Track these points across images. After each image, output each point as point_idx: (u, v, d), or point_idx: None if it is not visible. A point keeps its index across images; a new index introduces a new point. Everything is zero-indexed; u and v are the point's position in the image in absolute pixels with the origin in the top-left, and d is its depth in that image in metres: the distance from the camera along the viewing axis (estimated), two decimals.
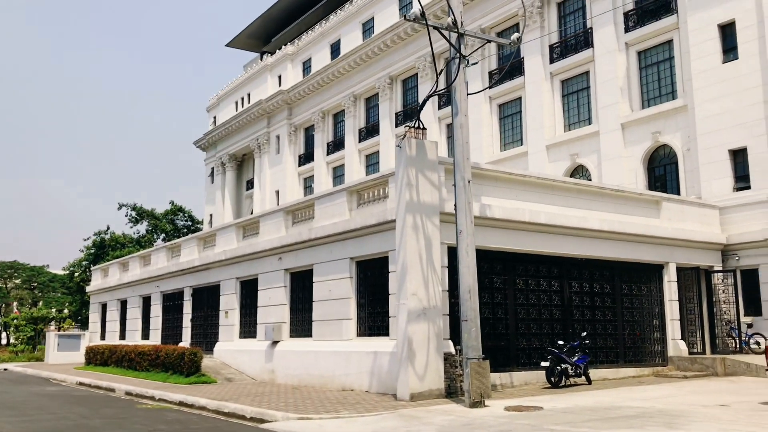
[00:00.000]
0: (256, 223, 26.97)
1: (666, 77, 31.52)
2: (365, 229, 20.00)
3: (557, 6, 37.11)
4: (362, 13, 52.11)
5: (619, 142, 32.28)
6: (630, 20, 32.97)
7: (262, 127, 61.93)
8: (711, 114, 27.94)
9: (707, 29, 28.44)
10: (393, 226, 18.29)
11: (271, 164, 60.92)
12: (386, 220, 18.85)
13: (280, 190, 58.97)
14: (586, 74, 35.08)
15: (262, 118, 61.97)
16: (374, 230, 19.68)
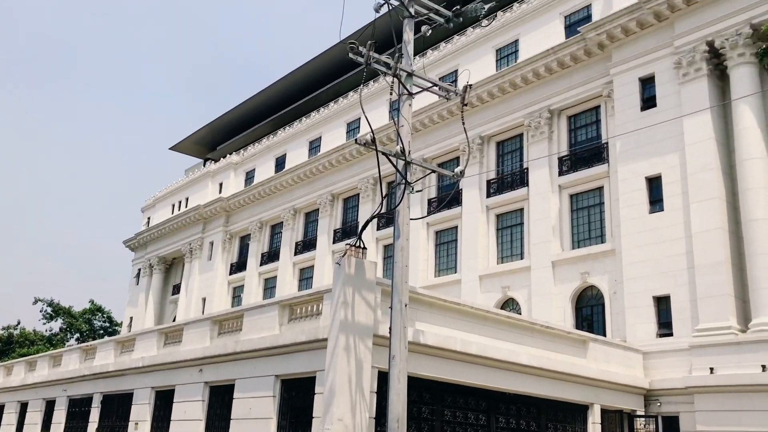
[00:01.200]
0: (180, 330, 25.93)
1: (596, 221, 32.97)
2: (294, 346, 19.43)
3: (496, 145, 38.95)
4: (310, 132, 53.49)
5: (549, 279, 33.11)
6: (564, 165, 34.78)
7: (197, 232, 61.16)
8: (637, 260, 29.11)
9: (635, 180, 30.19)
10: (324, 345, 17.83)
11: (201, 270, 59.70)
12: (318, 338, 18.38)
13: (208, 298, 57.50)
14: (521, 211, 36.39)
15: (198, 223, 61.34)
16: (304, 348, 19.14)
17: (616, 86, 32.26)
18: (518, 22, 38.96)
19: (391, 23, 17.42)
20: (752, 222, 25.98)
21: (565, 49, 34.77)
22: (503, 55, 39.87)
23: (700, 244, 27.02)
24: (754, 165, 26.54)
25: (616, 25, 32.07)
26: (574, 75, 34.95)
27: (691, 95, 28.90)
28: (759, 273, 25.36)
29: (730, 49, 28.07)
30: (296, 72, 58.35)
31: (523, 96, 37.15)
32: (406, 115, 17.34)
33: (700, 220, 27.32)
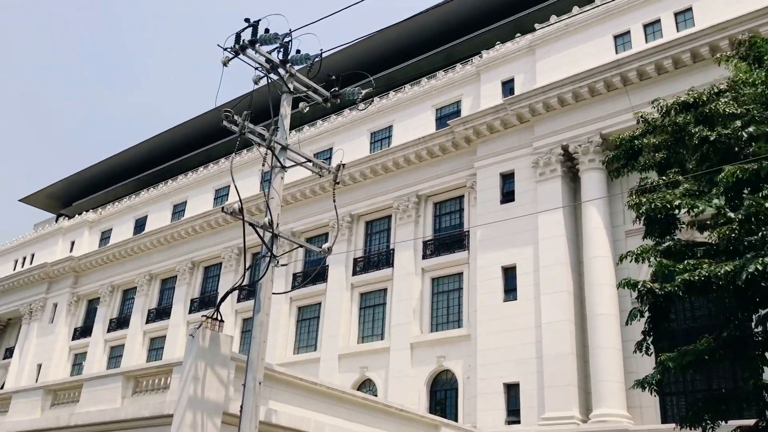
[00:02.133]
0: (7, 399, 23.48)
1: (454, 306, 33.90)
2: (137, 422, 18.10)
3: (366, 224, 39.56)
4: (176, 195, 51.88)
5: (407, 361, 33.34)
6: (428, 249, 35.79)
7: (40, 292, 56.63)
8: (491, 347, 30.03)
9: (492, 269, 31.50)
10: (169, 421, 16.72)
11: (40, 333, 54.97)
12: (163, 413, 17.25)
13: (44, 365, 52.81)
14: (384, 291, 36.78)
15: (43, 282, 56.91)
16: (147, 424, 17.86)
17: (479, 179, 34.00)
18: (393, 109, 40.50)
19: (269, 96, 17.51)
20: (597, 316, 27.69)
21: (434, 140, 36.39)
22: (377, 139, 41.08)
23: (549, 334, 28.37)
24: (599, 263, 28.52)
25: (482, 123, 34.10)
26: (442, 164, 36.52)
27: (546, 193, 30.95)
28: (601, 365, 26.85)
29: (582, 154, 30.55)
30: (167, 133, 56.97)
31: (393, 179, 38.24)
32: (277, 188, 17.24)
33: (549, 311, 28.78)
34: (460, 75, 37.90)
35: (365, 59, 41.90)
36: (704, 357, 14.42)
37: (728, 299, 13.97)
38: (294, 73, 18.31)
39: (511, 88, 34.62)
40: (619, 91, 30.26)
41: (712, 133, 16.40)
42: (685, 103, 17.58)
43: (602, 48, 31.79)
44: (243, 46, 17.47)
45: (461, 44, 42.50)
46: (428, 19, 41.90)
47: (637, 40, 30.92)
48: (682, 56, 28.61)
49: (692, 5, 29.79)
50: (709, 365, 14.91)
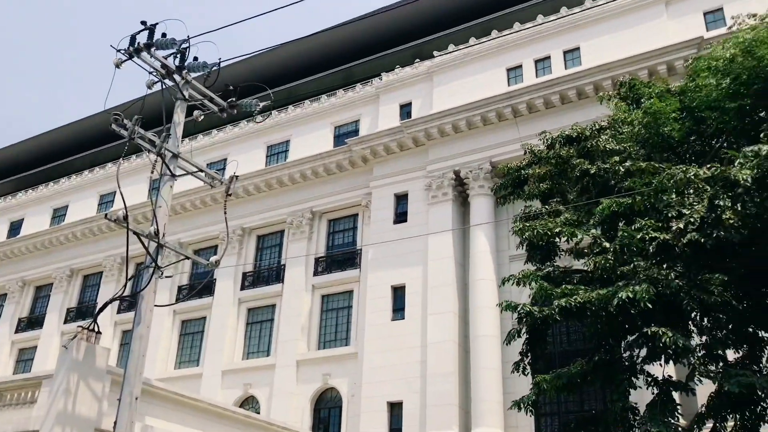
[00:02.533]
0: None
1: (343, 323, 33.93)
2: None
3: (257, 238, 39.00)
4: (57, 199, 49.18)
5: (292, 378, 32.98)
6: (320, 265, 35.71)
7: None
8: (377, 365, 30.23)
9: (382, 288, 31.82)
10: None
11: None
12: (28, 430, 16.19)
13: None
14: (273, 307, 36.30)
15: None
16: None
17: (374, 198, 34.38)
18: (291, 123, 40.33)
19: (163, 102, 17.03)
20: (479, 337, 28.51)
21: (332, 157, 36.52)
22: (274, 152, 40.72)
23: (434, 354, 28.91)
24: (484, 285, 29.44)
25: (379, 143, 34.58)
26: (338, 182, 36.66)
27: (437, 216, 31.71)
28: (481, 385, 27.62)
29: (473, 180, 31.56)
30: (50, 133, 54.10)
31: (288, 194, 37.97)
32: (165, 197, 16.72)
33: (435, 331, 29.36)
34: (359, 95, 38.31)
35: (266, 72, 41.61)
36: (577, 380, 15.16)
37: (600, 325, 14.78)
38: (190, 81, 17.90)
39: (409, 111, 35.36)
40: (509, 121, 31.55)
41: (593, 167, 17.39)
42: (569, 137, 18.58)
43: (496, 79, 33.10)
44: (138, 49, 16.92)
45: (362, 65, 43.01)
46: (330, 37, 42.20)
47: (528, 74, 32.42)
48: (569, 92, 30.23)
49: (580, 45, 31.59)
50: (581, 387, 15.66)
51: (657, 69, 28.43)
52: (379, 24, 40.75)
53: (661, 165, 15.52)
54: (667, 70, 28.32)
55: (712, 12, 29.38)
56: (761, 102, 15.98)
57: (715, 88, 16.63)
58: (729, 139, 16.98)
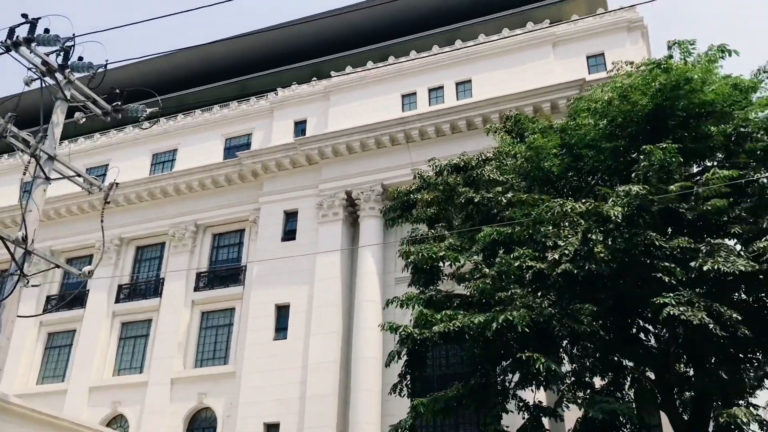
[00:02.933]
0: None
1: (222, 341, 33.00)
2: None
3: (136, 249, 37.41)
4: None
5: (166, 396, 31.68)
6: (202, 281, 34.65)
7: None
8: (255, 385, 29.57)
9: (266, 306, 31.27)
10: None
11: None
12: None
13: None
14: (149, 322, 34.81)
15: None
16: None
17: (262, 214, 33.87)
18: (180, 132, 39.15)
19: (41, 101, 16.10)
20: (361, 359, 28.53)
21: (221, 169, 35.72)
22: (160, 161, 39.34)
23: (314, 374, 28.65)
24: (369, 307, 29.54)
25: (272, 158, 34.20)
26: (225, 195, 35.86)
27: (326, 235, 31.63)
28: (360, 407, 27.58)
29: (364, 201, 31.78)
30: None
31: (172, 205, 36.72)
32: (37, 201, 15.72)
33: (317, 351, 29.13)
34: (254, 108, 37.79)
35: (157, 79, 40.19)
36: (453, 403, 15.46)
37: (478, 349, 15.18)
38: (73, 80, 17.04)
39: (303, 128, 35.25)
40: (402, 146, 32.08)
41: (477, 196, 17.96)
42: (456, 165, 19.12)
43: (391, 104, 33.64)
44: (16, 43, 15.95)
45: (258, 78, 42.48)
46: (227, 48, 41.48)
47: (422, 102, 33.19)
48: (459, 123, 31.17)
49: (472, 78, 32.71)
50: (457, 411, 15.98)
51: (542, 106, 29.86)
52: (279, 39, 40.48)
53: (540, 197, 16.24)
54: (551, 107, 29.80)
55: (594, 56, 31.29)
56: (634, 144, 17.09)
57: (593, 128, 17.65)
58: (603, 176, 18.03)
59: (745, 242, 15.35)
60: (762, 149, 15.98)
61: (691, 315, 13.13)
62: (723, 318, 13.52)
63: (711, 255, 13.81)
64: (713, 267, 13.46)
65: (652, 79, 16.64)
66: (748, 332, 13.95)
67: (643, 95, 16.87)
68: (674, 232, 15.64)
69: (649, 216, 14.46)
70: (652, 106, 16.80)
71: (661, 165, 14.93)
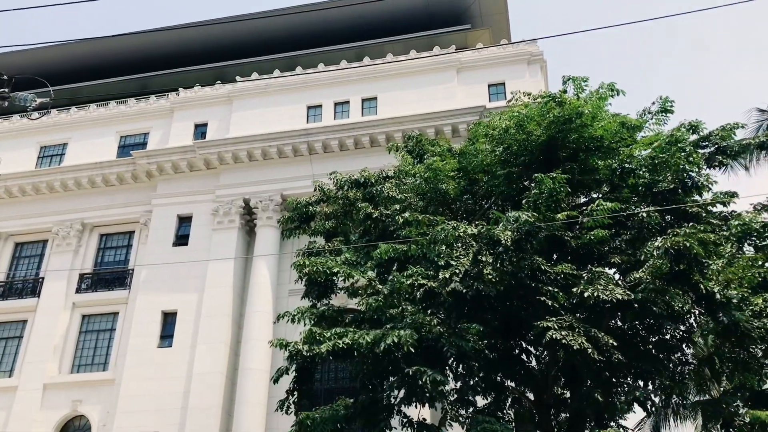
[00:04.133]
0: None
1: (103, 347, 31.53)
2: None
3: (14, 245, 35.26)
4: None
5: (36, 403, 29.87)
6: (84, 282, 33.05)
7: None
8: (136, 393, 28.38)
9: (152, 312, 30.15)
10: None
11: None
12: None
13: None
14: (24, 323, 32.81)
15: None
16: None
17: (154, 216, 32.74)
18: (72, 126, 37.32)
19: None
20: (248, 371, 27.99)
21: (113, 167, 34.34)
22: (48, 154, 37.30)
23: (198, 385, 27.84)
24: (259, 318, 29.09)
25: (168, 160, 33.20)
26: (116, 194, 34.46)
27: (221, 243, 30.96)
28: (243, 420, 26.99)
29: (262, 210, 31.36)
30: None
31: (58, 202, 34.90)
32: None
33: (203, 361, 28.34)
34: (153, 107, 36.57)
35: (51, 68, 38.22)
36: (342, 424, 15.43)
37: (366, 366, 15.23)
38: None
39: (204, 132, 34.45)
40: (304, 157, 31.95)
41: (375, 212, 18.12)
42: (356, 181, 19.23)
43: (296, 114, 33.47)
44: None
45: (160, 77, 41.24)
46: (128, 42, 40.16)
47: (327, 115, 33.22)
48: (362, 138, 31.42)
49: (378, 95, 33.09)
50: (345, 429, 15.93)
51: (443, 128, 30.57)
52: (184, 38, 39.56)
53: (436, 218, 16.56)
54: (452, 131, 30.56)
55: (496, 85, 32.39)
56: (526, 172, 17.77)
57: (489, 153, 18.22)
58: (497, 201, 18.63)
59: (623, 272, 16.22)
60: (643, 185, 16.99)
61: (572, 340, 13.69)
62: (600, 343, 14.20)
63: (591, 282, 14.49)
64: (593, 294, 14.12)
65: (547, 110, 17.37)
66: (622, 357, 14.72)
67: (538, 126, 17.58)
68: (559, 259, 16.33)
69: (537, 242, 15.04)
70: (545, 137, 17.52)
71: (550, 194, 15.59)
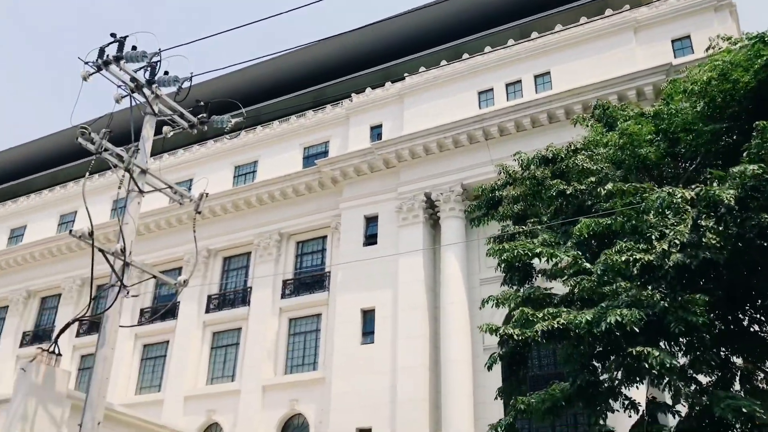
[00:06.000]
0: None
1: (311, 347, 33.20)
2: None
3: (223, 260, 38.17)
4: (14, 218, 47.67)
5: (258, 404, 32.10)
6: (287, 288, 35.02)
7: None
8: (345, 391, 29.54)
9: (352, 311, 31.26)
10: None
11: None
12: None
13: None
14: (239, 330, 35.43)
15: None
16: None
17: (343, 220, 33.94)
18: (260, 144, 39.80)
19: (131, 117, 16.53)
20: (450, 362, 28.08)
21: (301, 178, 36.06)
22: (241, 173, 40.11)
23: (404, 379, 28.38)
24: (455, 308, 29.10)
25: (350, 165, 34.26)
26: (306, 203, 36.17)
27: (408, 238, 31.37)
28: (452, 411, 27.13)
29: (444, 202, 31.36)
30: (8, 152, 52.58)
31: (255, 215, 37.33)
32: (132, 214, 16.11)
33: (405, 355, 28.86)
34: (330, 116, 38.02)
35: (234, 91, 40.89)
36: (561, 403, 14.82)
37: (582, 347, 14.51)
38: (160, 95, 17.43)
39: (379, 133, 35.17)
40: (480, 144, 31.52)
41: (569, 188, 17.25)
42: (544, 157, 18.46)
43: (467, 102, 33.12)
44: (107, 62, 16.41)
45: (332, 86, 42.77)
46: (301, 57, 41.96)
47: (499, 98, 32.52)
48: (540, 116, 30.36)
49: (551, 69, 31.82)
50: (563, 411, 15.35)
51: (626, 94, 28.71)
52: (351, 45, 40.65)
53: (642, 186, 15.43)
54: (637, 95, 28.62)
55: (680, 39, 29.87)
56: (736, 125, 16.06)
57: (690, 110, 16.69)
58: (703, 161, 17.03)
59: None
60: None
61: None
62: None
63: None
64: None
65: (755, 54, 15.57)
66: None
67: (745, 72, 15.81)
68: None
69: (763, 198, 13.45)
70: (755, 83, 15.72)
71: None
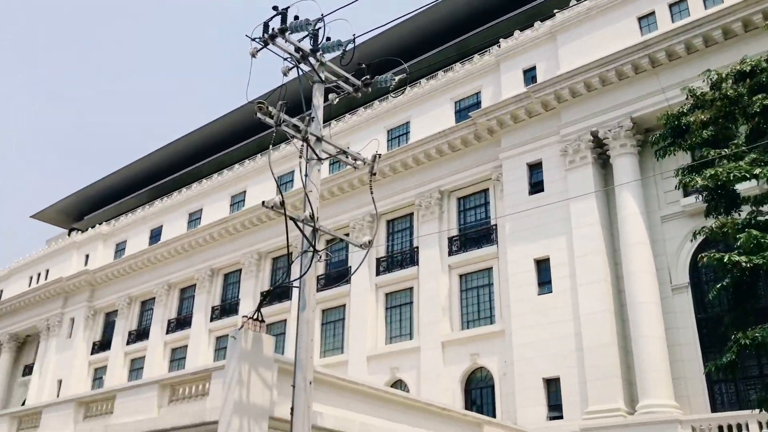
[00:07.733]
0: (37, 414, 22.73)
1: (485, 302, 32.96)
2: (177, 431, 17.32)
3: (387, 223, 38.69)
4: (191, 203, 51.13)
5: (438, 360, 32.46)
6: (454, 245, 34.90)
7: (57, 307, 55.91)
8: (527, 341, 29.11)
9: (524, 262, 30.59)
10: (213, 428, 15.94)
11: (58, 349, 54.26)
12: (204, 421, 16.44)
13: (64, 380, 52.07)
14: (410, 290, 35.90)
15: (59, 297, 56.19)
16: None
17: (505, 170, 33.13)
18: (409, 104, 39.64)
19: (300, 87, 16.84)
20: (637, 305, 26.77)
21: (455, 133, 35.55)
22: (394, 136, 40.25)
23: (588, 325, 27.46)
24: (637, 250, 27.62)
25: (506, 112, 33.25)
26: (464, 158, 35.66)
27: (577, 182, 30.06)
28: (644, 355, 25.92)
29: (613, 139, 29.65)
30: (177, 142, 56.31)
31: (414, 176, 37.39)
32: (314, 181, 16.48)
33: (587, 302, 27.87)
34: (478, 66, 37.05)
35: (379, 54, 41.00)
36: None
37: None
38: (325, 62, 17.62)
39: (533, 76, 33.76)
40: (647, 72, 29.37)
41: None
42: (740, 71, 16.74)
43: (626, 30, 30.92)
44: (272, 35, 16.70)
45: (476, 35, 41.67)
46: (440, 11, 41.14)
47: (662, 21, 30.05)
48: (713, 33, 27.70)
49: None
50: None
51: None
52: None
53: None
54: None
55: None
56: None
57: None
58: None
59: None
60: None
61: None
62: None
63: None
64: None
65: None
66: None
67: None
68: None
69: None
70: None
71: None
